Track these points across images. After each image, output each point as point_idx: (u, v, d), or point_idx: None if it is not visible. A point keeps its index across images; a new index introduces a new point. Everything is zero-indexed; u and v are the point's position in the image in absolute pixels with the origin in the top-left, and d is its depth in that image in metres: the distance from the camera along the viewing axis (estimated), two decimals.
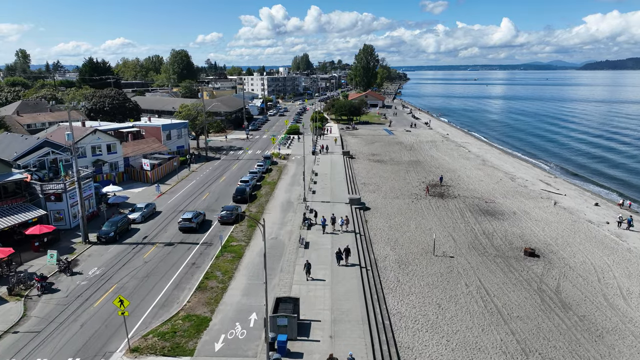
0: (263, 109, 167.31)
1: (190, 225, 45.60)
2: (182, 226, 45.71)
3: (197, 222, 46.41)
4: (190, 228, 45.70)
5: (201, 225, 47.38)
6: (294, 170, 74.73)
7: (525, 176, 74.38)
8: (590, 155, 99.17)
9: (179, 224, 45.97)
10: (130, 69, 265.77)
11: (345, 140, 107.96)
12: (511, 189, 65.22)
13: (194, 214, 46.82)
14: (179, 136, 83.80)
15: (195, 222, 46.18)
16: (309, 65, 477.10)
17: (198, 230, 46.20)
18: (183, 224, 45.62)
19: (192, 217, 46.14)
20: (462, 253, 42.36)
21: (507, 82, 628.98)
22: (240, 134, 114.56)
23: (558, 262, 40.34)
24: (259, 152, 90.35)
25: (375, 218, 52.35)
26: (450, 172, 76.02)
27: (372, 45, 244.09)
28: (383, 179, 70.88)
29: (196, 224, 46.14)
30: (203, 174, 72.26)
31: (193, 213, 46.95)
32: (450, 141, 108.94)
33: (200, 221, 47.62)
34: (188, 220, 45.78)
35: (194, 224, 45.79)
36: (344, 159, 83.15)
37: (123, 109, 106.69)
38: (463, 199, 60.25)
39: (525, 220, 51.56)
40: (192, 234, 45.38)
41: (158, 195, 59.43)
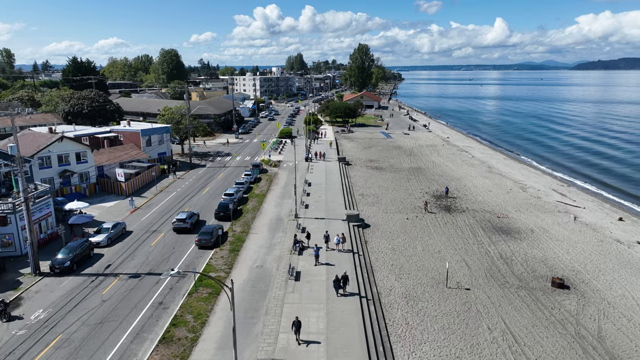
0: (254, 110, 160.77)
1: (184, 225, 45.44)
2: (176, 227, 45.57)
3: (191, 223, 46.14)
4: (184, 229, 45.45)
5: (195, 226, 46.90)
6: (285, 179, 68.39)
7: (536, 185, 68.54)
8: (598, 158, 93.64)
9: (173, 225, 45.89)
10: (119, 69, 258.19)
11: (340, 144, 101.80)
12: (524, 201, 59.30)
13: (188, 214, 46.64)
14: (161, 142, 77.18)
15: (190, 222, 45.94)
16: (303, 65, 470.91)
17: (192, 230, 45.78)
18: (177, 225, 45.54)
19: (186, 217, 45.96)
20: (479, 284, 36.27)
21: (502, 82, 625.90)
22: (229, 137, 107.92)
23: (593, 296, 34.34)
24: (248, 159, 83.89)
25: (376, 238, 46.15)
26: (455, 180, 70.02)
27: (367, 45, 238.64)
28: (382, 189, 64.74)
29: (190, 225, 45.89)
30: (185, 184, 65.74)
31: (187, 213, 46.73)
32: (451, 145, 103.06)
33: (195, 222, 47.35)
34: (182, 220, 45.64)
35: (188, 224, 45.60)
36: (340, 166, 76.93)
37: (104, 111, 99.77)
38: (472, 213, 54.22)
39: (546, 240, 45.58)
40: (186, 234, 45.28)
41: (132, 211, 52.88)
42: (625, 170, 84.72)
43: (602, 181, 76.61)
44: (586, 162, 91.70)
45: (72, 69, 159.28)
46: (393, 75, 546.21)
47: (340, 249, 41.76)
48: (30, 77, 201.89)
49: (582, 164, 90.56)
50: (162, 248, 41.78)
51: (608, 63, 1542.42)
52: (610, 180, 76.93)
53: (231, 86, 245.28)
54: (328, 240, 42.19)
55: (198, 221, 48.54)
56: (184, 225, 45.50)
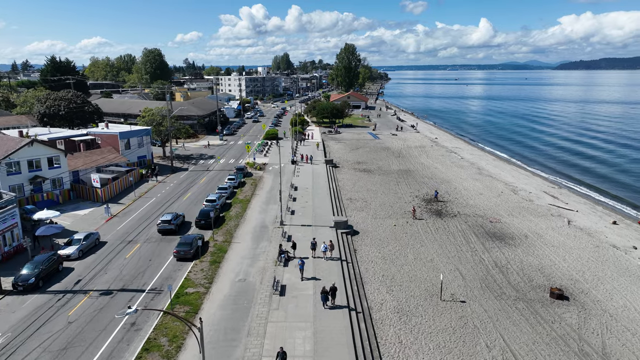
0: (240, 111, 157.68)
1: (169, 227, 44.82)
2: (161, 228, 44.89)
3: (176, 224, 45.63)
4: (169, 230, 44.87)
5: (180, 227, 46.63)
6: (271, 183, 65.94)
7: (527, 187, 67.22)
8: (586, 158, 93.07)
9: (157, 226, 45.20)
10: (101, 69, 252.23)
11: (327, 145, 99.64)
12: (516, 205, 57.82)
13: (173, 215, 46.05)
14: (140, 145, 74.05)
15: (175, 224, 45.37)
16: (290, 65, 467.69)
17: (177, 232, 45.39)
18: (162, 226, 44.87)
19: (171, 218, 45.33)
20: (474, 295, 34.38)
21: (487, 82, 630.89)
22: (210, 140, 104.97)
23: (594, 308, 32.69)
24: (232, 162, 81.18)
25: (366, 246, 44.04)
26: (445, 183, 68.37)
27: (354, 45, 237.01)
28: (371, 192, 62.73)
29: (175, 226, 45.36)
30: (166, 189, 62.88)
31: (172, 215, 46.14)
32: (440, 146, 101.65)
33: (180, 223, 46.90)
34: (167, 222, 44.99)
35: (173, 225, 44.98)
36: (327, 169, 74.74)
37: (82, 113, 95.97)
38: (464, 217, 52.49)
39: (541, 246, 43.99)
40: (172, 235, 44.76)
41: (107, 219, 49.95)
42: (613, 171, 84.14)
43: (593, 183, 75.77)
44: (575, 163, 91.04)
45: (51, 68, 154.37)
46: (380, 75, 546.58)
47: (327, 257, 39.74)
48: (7, 77, 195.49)
49: (571, 164, 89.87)
50: (137, 260, 39.06)
51: (590, 63, 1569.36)
52: (599, 182, 76.14)
53: (216, 86, 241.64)
54: (315, 248, 40.12)
55: (183, 222, 48.30)
56: (169, 227, 44.88)
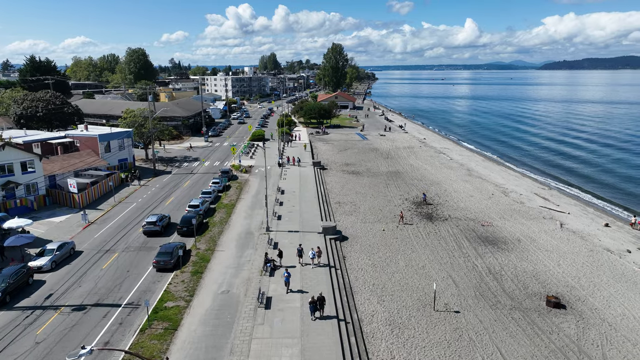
0: (226, 112, 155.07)
1: (155, 228, 44.32)
2: (146, 230, 44.39)
3: (162, 226, 45.18)
4: (155, 232, 44.40)
5: (166, 229, 46.19)
6: (256, 186, 64.01)
7: (518, 189, 66.37)
8: (574, 159, 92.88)
9: (143, 228, 44.75)
10: (83, 69, 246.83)
11: (315, 147, 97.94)
12: (507, 207, 56.81)
13: (158, 216, 45.57)
14: (121, 147, 71.51)
15: (160, 225, 44.89)
16: (277, 64, 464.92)
17: (163, 233, 45.02)
18: (148, 228, 44.39)
19: (156, 220, 44.82)
20: (468, 305, 33.01)
21: (473, 81, 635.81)
22: (192, 142, 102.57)
23: (592, 317, 31.54)
24: (217, 164, 79.00)
25: (355, 252, 42.46)
26: (435, 185, 67.19)
27: (341, 45, 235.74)
28: (360, 195, 61.22)
29: (161, 227, 44.91)
30: (148, 193, 60.56)
31: (158, 216, 45.70)
32: (428, 147, 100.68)
33: (166, 224, 46.53)
34: (153, 223, 44.47)
35: (158, 227, 44.50)
36: (315, 171, 73.06)
37: (61, 114, 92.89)
38: (455, 221, 51.25)
39: (534, 251, 42.89)
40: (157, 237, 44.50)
41: (84, 226, 47.59)
42: (600, 171, 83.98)
43: (581, 184, 75.38)
44: (562, 163, 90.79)
45: (30, 68, 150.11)
46: (367, 75, 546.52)
47: (315, 264, 38.18)
48: None
49: (559, 164, 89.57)
50: (114, 271, 36.91)
51: (573, 63, 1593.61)
52: (588, 182, 75.79)
53: (202, 87, 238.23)
54: (302, 255, 38.52)
55: (169, 224, 47.63)
56: (155, 228, 44.37)
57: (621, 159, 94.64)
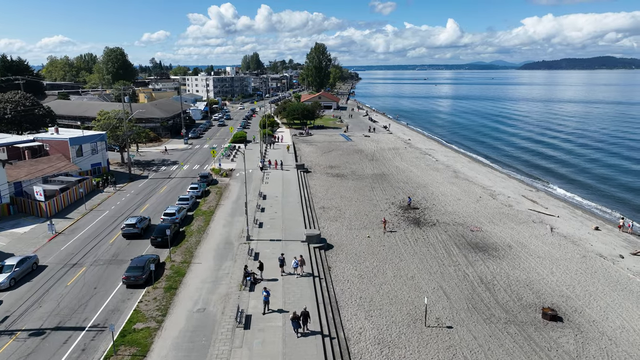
0: (207, 112, 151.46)
1: (134, 231, 43.60)
2: (125, 232, 43.64)
3: (141, 228, 44.34)
4: (134, 234, 43.66)
5: (146, 231, 45.16)
6: (237, 191, 61.36)
7: (505, 191, 65.16)
8: (559, 160, 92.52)
9: (122, 230, 43.92)
10: (59, 69, 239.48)
11: (298, 149, 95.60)
12: (496, 210, 55.39)
13: (138, 218, 44.77)
14: (94, 151, 68.03)
15: (140, 227, 44.08)
16: (260, 64, 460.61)
17: (143, 236, 44.13)
18: (127, 230, 43.61)
19: (136, 222, 43.97)
20: (461, 319, 31.13)
21: (455, 81, 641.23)
22: (168, 144, 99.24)
23: (591, 330, 29.96)
24: (196, 168, 76.03)
25: (341, 262, 40.30)
26: (422, 188, 65.53)
27: (324, 44, 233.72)
28: (345, 200, 59.13)
29: (140, 230, 44.10)
30: (122, 199, 57.41)
31: (137, 218, 44.97)
32: (413, 148, 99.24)
33: (145, 226, 45.54)
34: (132, 225, 43.71)
35: (138, 229, 43.74)
36: (298, 175, 70.72)
37: (32, 116, 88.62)
38: (444, 226, 49.53)
39: (526, 258, 41.37)
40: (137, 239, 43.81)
41: (50, 237, 44.38)
42: (585, 173, 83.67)
43: (568, 185, 74.76)
44: (548, 164, 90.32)
45: (1, 68, 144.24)
46: (350, 75, 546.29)
47: (298, 274, 36.07)
48: None
49: (545, 165, 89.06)
50: (80, 288, 34.01)
51: (551, 63, 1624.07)
52: (574, 183, 75.24)
53: (183, 87, 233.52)
54: (283, 264, 36.36)
55: (149, 226, 46.51)
56: (134, 231, 43.59)
57: (598, 159, 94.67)
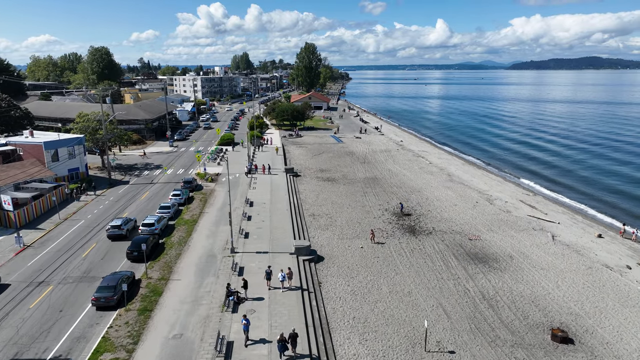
0: (194, 113, 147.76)
1: (119, 232, 43.32)
2: (110, 234, 43.43)
3: (127, 229, 44.10)
4: (119, 235, 43.29)
5: (131, 233, 44.85)
6: (223, 198, 58.28)
7: (502, 195, 62.87)
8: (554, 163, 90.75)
9: (107, 232, 43.81)
10: (42, 69, 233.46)
11: (288, 151, 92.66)
12: (494, 217, 53.00)
13: (123, 220, 44.45)
14: (72, 155, 64.45)
15: (125, 229, 43.82)
16: (249, 64, 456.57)
17: (128, 237, 43.45)
18: (112, 232, 43.44)
19: (121, 224, 43.66)
20: (464, 342, 28.50)
21: (445, 81, 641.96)
22: (146, 148, 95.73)
23: (606, 354, 27.49)
24: (181, 172, 72.73)
25: (332, 276, 37.51)
26: (415, 192, 63.00)
27: (314, 44, 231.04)
28: (336, 206, 56.35)
29: (126, 231, 43.82)
30: (100, 207, 54.02)
31: (123, 219, 44.62)
32: (406, 150, 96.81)
33: (131, 228, 45.36)
34: (117, 227, 43.44)
35: (123, 230, 43.49)
36: (288, 179, 67.79)
37: (7, 118, 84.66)
38: (440, 235, 46.98)
39: (529, 270, 38.94)
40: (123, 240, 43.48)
41: (17, 252, 40.96)
42: (582, 175, 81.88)
43: (565, 190, 72.76)
44: (542, 166, 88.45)
45: None
46: (341, 75, 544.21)
47: (285, 287, 33.45)
48: None
49: (539, 167, 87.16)
50: (44, 312, 30.77)
51: (539, 63, 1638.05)
52: (571, 186, 73.30)
53: (169, 87, 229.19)
54: (270, 277, 33.73)
55: (135, 227, 46.32)
56: (120, 232, 43.28)
57: (596, 162, 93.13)
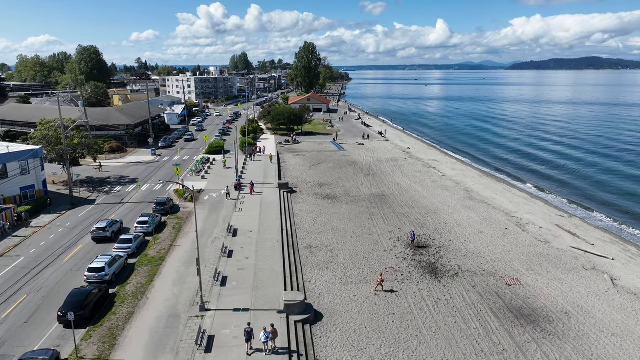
0: (185, 116, 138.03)
1: (104, 235, 42.24)
2: (95, 236, 42.30)
3: (112, 231, 43.13)
4: (104, 238, 42.17)
5: (117, 235, 43.14)
6: (203, 222, 48.43)
7: (533, 218, 53.21)
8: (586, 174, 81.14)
9: (91, 234, 42.60)
10: (29, 69, 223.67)
11: (283, 160, 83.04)
12: (531, 250, 43.32)
13: (108, 222, 43.51)
14: (25, 171, 54.75)
15: (110, 231, 42.85)
16: (248, 64, 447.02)
17: (113, 239, 42.15)
18: (97, 234, 42.32)
19: (106, 225, 42.68)
20: None
21: (446, 82, 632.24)
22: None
23: None
24: (158, 188, 63.10)
25: (334, 348, 27.82)
26: (431, 215, 53.38)
27: (314, 43, 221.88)
28: (338, 234, 46.71)
29: (111, 233, 42.77)
30: (49, 238, 44.33)
31: (108, 222, 43.55)
32: (414, 158, 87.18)
33: (117, 230, 44.47)
34: (102, 229, 42.41)
35: (108, 232, 42.40)
36: (281, 197, 58.16)
37: None
38: (469, 277, 37.35)
39: (596, 336, 29.27)
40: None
41: None
42: (622, 184, 72.22)
43: (605, 207, 63.13)
44: (573, 179, 78.80)
45: None
46: (341, 75, 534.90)
47: (269, 350, 24.68)
48: None
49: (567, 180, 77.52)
50: None
51: (540, 63, 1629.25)
52: (609, 205, 63.66)
53: (163, 88, 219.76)
54: (251, 338, 24.99)
55: (121, 229, 45.36)
56: (104, 235, 42.13)
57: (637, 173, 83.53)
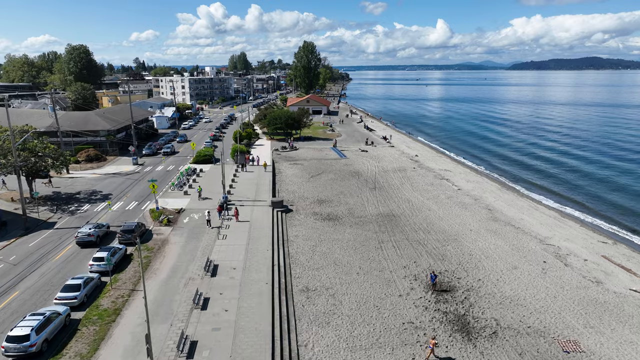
0: (176, 120, 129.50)
1: (89, 239, 40.63)
2: (80, 240, 40.79)
3: (97, 236, 41.33)
4: (89, 242, 40.66)
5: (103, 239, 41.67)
6: (176, 257, 39.95)
7: (573, 247, 44.75)
8: (624, 186, 72.81)
9: (76, 238, 41.12)
10: (17, 69, 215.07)
11: (279, 170, 74.58)
12: (582, 294, 34.86)
13: (94, 225, 42.18)
14: None
15: (96, 235, 41.13)
16: (247, 64, 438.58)
17: (98, 244, 40.50)
18: (82, 239, 40.71)
19: (91, 229, 41.13)
20: None
21: (446, 82, 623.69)
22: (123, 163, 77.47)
23: None
24: (132, 207, 54.61)
25: None
26: (451, 242, 44.94)
27: (313, 43, 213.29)
28: (342, 269, 38.28)
29: (96, 237, 41.12)
30: None
31: (93, 225, 42.33)
32: (424, 168, 78.70)
33: (103, 234, 42.59)
34: (87, 234, 40.73)
35: (93, 237, 40.76)
36: (274, 218, 49.69)
37: None
38: (511, 337, 28.89)
39: None
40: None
41: None
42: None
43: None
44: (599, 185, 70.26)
45: None
46: (341, 75, 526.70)
47: None
48: None
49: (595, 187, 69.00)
50: None
51: (540, 64, 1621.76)
52: None
53: (156, 89, 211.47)
54: None
55: (108, 233, 43.73)
56: (89, 239, 40.78)
57: None
